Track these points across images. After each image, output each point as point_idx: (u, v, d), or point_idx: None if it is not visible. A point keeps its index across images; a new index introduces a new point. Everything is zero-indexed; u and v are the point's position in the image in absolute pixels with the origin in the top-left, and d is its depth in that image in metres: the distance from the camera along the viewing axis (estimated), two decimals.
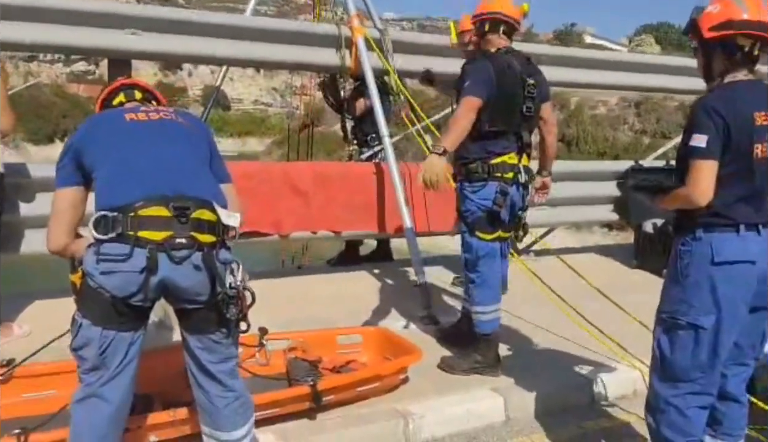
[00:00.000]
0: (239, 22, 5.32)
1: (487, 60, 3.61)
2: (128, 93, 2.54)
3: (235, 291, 2.16)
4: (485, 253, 3.62)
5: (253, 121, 66.23)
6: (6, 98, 3.70)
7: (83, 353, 2.11)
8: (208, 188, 2.26)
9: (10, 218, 4.05)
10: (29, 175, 4.23)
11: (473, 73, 3.56)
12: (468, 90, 3.49)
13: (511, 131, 3.63)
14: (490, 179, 3.57)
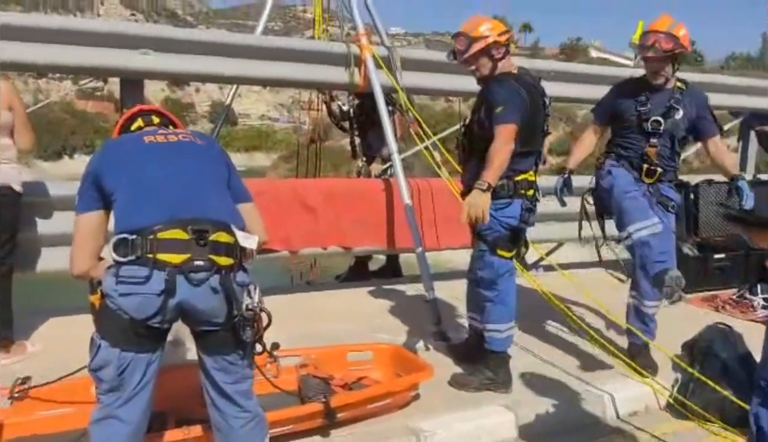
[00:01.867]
0: (249, 41, 5.37)
1: (515, 82, 3.54)
2: (146, 118, 2.58)
3: (252, 313, 2.18)
4: (505, 271, 3.61)
5: (259, 136, 66.66)
6: (25, 118, 3.78)
7: (101, 374, 2.13)
8: (226, 210, 2.29)
9: (27, 236, 4.11)
10: (47, 193, 4.28)
11: (506, 98, 3.43)
12: (504, 117, 3.39)
13: (534, 151, 3.65)
14: (515, 197, 3.56)
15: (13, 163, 3.75)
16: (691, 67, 51.79)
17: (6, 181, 3.69)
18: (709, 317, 4.90)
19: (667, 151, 3.97)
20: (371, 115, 5.66)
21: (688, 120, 3.94)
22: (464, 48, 3.55)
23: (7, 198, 3.71)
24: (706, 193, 6.54)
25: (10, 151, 3.73)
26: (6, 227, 3.74)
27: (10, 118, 3.69)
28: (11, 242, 3.78)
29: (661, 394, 3.78)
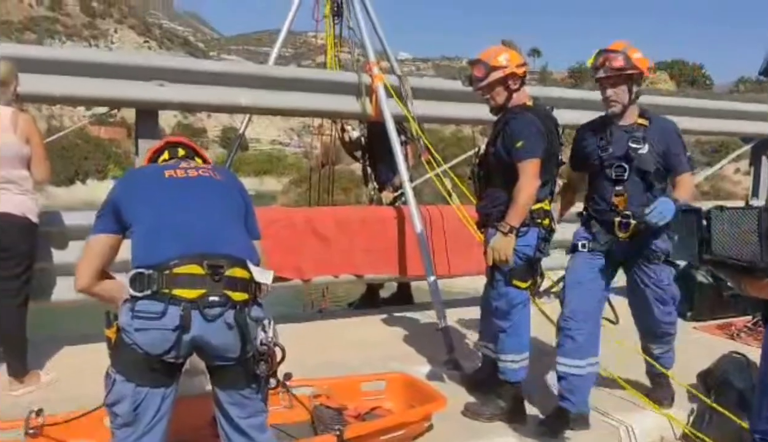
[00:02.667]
0: (262, 71, 5.45)
1: (533, 114, 3.53)
2: (172, 151, 2.62)
3: (266, 348, 2.19)
4: (519, 301, 3.58)
5: (270, 161, 67.03)
6: (42, 151, 3.84)
7: (116, 409, 2.14)
8: (242, 246, 2.31)
9: (43, 266, 4.14)
10: (62, 222, 4.33)
11: (527, 132, 3.43)
12: (527, 152, 3.39)
13: (549, 180, 3.64)
14: (531, 226, 3.53)
15: (29, 195, 3.80)
16: (700, 90, 51.83)
17: (23, 211, 3.73)
18: (724, 345, 4.85)
19: (642, 196, 3.51)
20: (382, 143, 5.70)
21: (657, 154, 3.51)
22: (482, 76, 3.53)
23: (24, 229, 3.75)
24: (718, 219, 6.49)
25: (27, 182, 3.78)
26: (23, 257, 3.78)
27: (28, 150, 3.75)
28: (28, 272, 3.82)
29: (677, 425, 3.73)
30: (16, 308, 3.78)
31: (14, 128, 3.69)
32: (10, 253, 3.72)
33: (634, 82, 3.48)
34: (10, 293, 3.75)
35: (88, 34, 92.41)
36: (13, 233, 3.71)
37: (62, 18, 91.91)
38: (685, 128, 7.48)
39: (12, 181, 3.70)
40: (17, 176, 3.72)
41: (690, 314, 5.79)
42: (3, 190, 3.68)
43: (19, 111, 3.82)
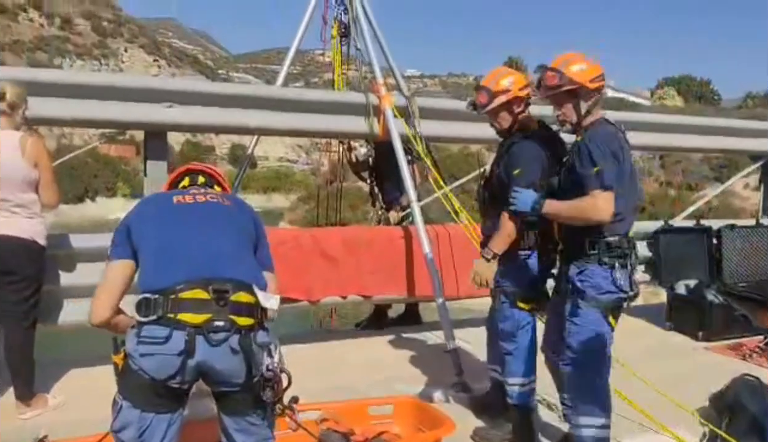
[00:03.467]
0: (269, 93, 5.48)
1: (536, 139, 3.50)
2: (193, 178, 2.64)
3: (272, 374, 2.17)
4: (526, 323, 3.56)
5: (278, 178, 67.27)
6: (50, 176, 3.85)
7: (122, 436, 2.14)
8: (247, 270, 2.30)
9: (51, 288, 4.15)
10: (71, 245, 4.34)
11: (524, 159, 3.42)
12: (522, 180, 3.35)
13: None
14: (534, 248, 3.53)
15: (38, 218, 3.81)
16: (708, 106, 51.77)
17: (31, 235, 3.75)
18: (736, 366, 4.80)
19: None
20: (389, 163, 5.70)
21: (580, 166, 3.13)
22: (486, 102, 3.52)
23: (32, 252, 3.77)
24: (729, 238, 6.49)
25: (36, 205, 3.80)
26: (31, 280, 3.79)
27: (36, 174, 3.76)
28: (35, 296, 3.83)
29: None
30: (24, 331, 3.78)
31: (22, 152, 3.70)
32: (18, 276, 3.73)
33: (579, 98, 3.11)
34: (18, 316, 3.76)
35: (98, 53, 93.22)
36: (21, 256, 3.73)
37: (73, 37, 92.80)
38: (693, 146, 7.52)
39: (20, 205, 3.72)
40: (26, 200, 3.74)
41: (701, 334, 5.74)
42: (11, 213, 3.70)
43: (29, 134, 3.84)
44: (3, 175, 3.65)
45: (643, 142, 7.10)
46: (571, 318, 3.09)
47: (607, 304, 3.04)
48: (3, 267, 3.70)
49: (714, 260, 6.45)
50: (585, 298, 3.04)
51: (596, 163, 2.96)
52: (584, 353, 3.06)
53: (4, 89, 3.74)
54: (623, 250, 3.03)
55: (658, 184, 32.45)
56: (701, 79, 67.06)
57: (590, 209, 2.95)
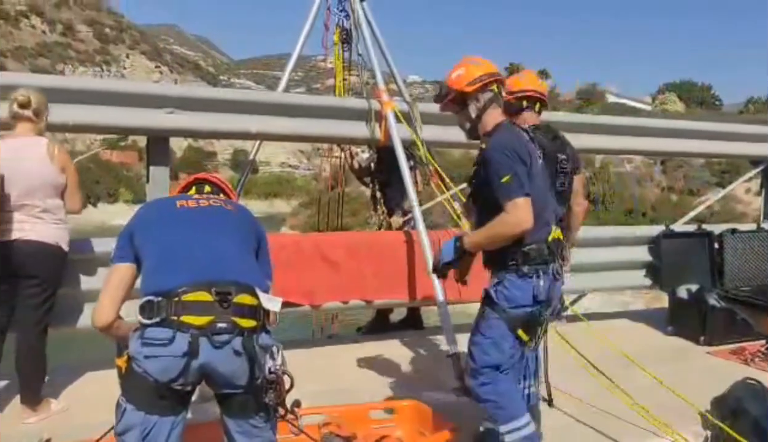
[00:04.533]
0: (271, 98, 5.51)
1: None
2: (199, 187, 2.68)
3: (274, 376, 2.18)
4: None
5: (280, 183, 67.48)
6: (76, 182, 3.93)
7: (126, 438, 2.14)
8: (250, 273, 2.32)
9: (70, 291, 4.19)
10: (92, 249, 4.37)
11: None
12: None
13: None
14: None
15: (62, 224, 3.87)
16: (709, 111, 51.82)
17: (56, 241, 3.81)
18: (738, 370, 4.80)
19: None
20: (391, 168, 5.72)
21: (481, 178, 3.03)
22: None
23: (56, 257, 3.82)
24: (730, 242, 6.50)
25: (61, 211, 3.86)
26: (50, 285, 3.83)
27: (64, 180, 3.83)
28: (51, 300, 3.86)
29: None
30: (37, 336, 3.81)
31: (51, 158, 3.77)
32: (39, 280, 3.77)
33: (466, 103, 3.02)
34: (34, 321, 3.79)
35: (100, 59, 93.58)
36: (46, 261, 3.77)
37: (75, 44, 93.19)
38: (694, 151, 7.54)
39: (47, 211, 3.78)
40: (52, 205, 3.80)
41: (703, 338, 5.74)
42: (38, 219, 3.75)
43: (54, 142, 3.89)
44: (33, 182, 3.72)
45: (644, 147, 7.13)
46: (477, 328, 2.99)
47: (517, 318, 2.87)
48: (26, 272, 3.74)
49: (715, 264, 6.46)
50: (496, 309, 2.90)
51: (503, 172, 2.79)
52: (483, 365, 2.92)
53: (29, 97, 3.79)
54: (543, 257, 2.88)
55: (660, 189, 32.47)
56: (702, 85, 67.15)
57: (510, 224, 2.77)
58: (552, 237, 2.96)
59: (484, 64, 3.05)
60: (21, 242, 3.70)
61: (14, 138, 3.80)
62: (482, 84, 2.97)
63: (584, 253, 6.17)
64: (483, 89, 2.98)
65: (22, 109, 3.79)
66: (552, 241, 2.94)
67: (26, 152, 3.74)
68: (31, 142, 3.79)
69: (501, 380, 2.93)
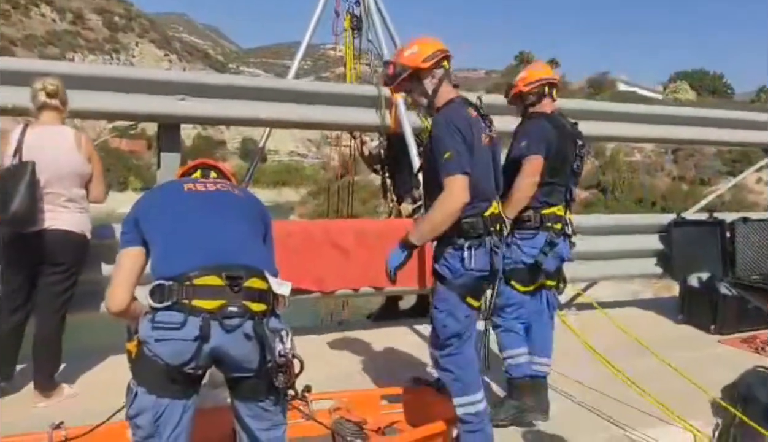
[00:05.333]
0: (281, 85, 5.50)
1: (546, 120, 3.78)
2: (205, 172, 2.65)
3: (284, 359, 2.18)
4: (514, 301, 3.72)
5: (288, 172, 67.48)
6: (101, 171, 3.98)
7: (138, 421, 2.15)
8: (260, 257, 2.32)
9: (92, 277, 4.21)
10: (114, 236, 4.36)
11: (533, 133, 3.69)
12: (529, 149, 3.63)
13: (562, 184, 3.79)
14: (541, 229, 3.69)
15: (86, 213, 3.91)
16: (720, 100, 51.36)
17: (82, 229, 3.85)
18: (749, 358, 4.79)
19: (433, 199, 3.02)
20: (401, 156, 5.71)
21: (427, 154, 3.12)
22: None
23: (81, 246, 3.86)
24: (742, 230, 6.46)
25: (84, 200, 3.90)
26: (73, 273, 3.87)
27: (90, 169, 3.87)
28: (72, 289, 3.90)
29: (702, 440, 3.68)
30: (56, 323, 3.85)
31: (78, 147, 3.80)
32: (64, 268, 3.81)
33: (421, 80, 3.08)
34: (55, 307, 3.84)
35: (109, 48, 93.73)
36: (71, 249, 3.81)
37: (84, 32, 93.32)
38: (705, 138, 7.48)
39: (72, 200, 3.81)
40: (77, 195, 3.84)
41: (714, 327, 5.73)
42: (64, 208, 3.78)
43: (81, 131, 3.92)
44: (62, 170, 3.75)
45: (656, 134, 7.08)
46: (433, 303, 3.10)
47: (463, 286, 2.99)
48: (52, 260, 3.77)
49: (727, 252, 6.42)
50: (444, 282, 3.03)
51: (444, 148, 2.88)
52: (446, 337, 3.03)
53: (58, 86, 3.81)
54: (477, 230, 2.96)
55: (671, 178, 32.26)
56: (714, 73, 66.57)
57: (447, 202, 2.85)
58: (490, 212, 3.04)
59: (434, 42, 3.15)
60: (48, 230, 3.72)
61: (41, 126, 3.81)
62: (436, 60, 3.06)
63: (595, 241, 6.16)
64: (437, 65, 3.07)
65: (51, 98, 3.81)
66: (489, 215, 3.02)
67: (53, 141, 3.76)
68: (58, 131, 3.81)
69: (464, 351, 3.05)
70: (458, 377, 3.05)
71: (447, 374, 3.07)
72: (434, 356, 3.13)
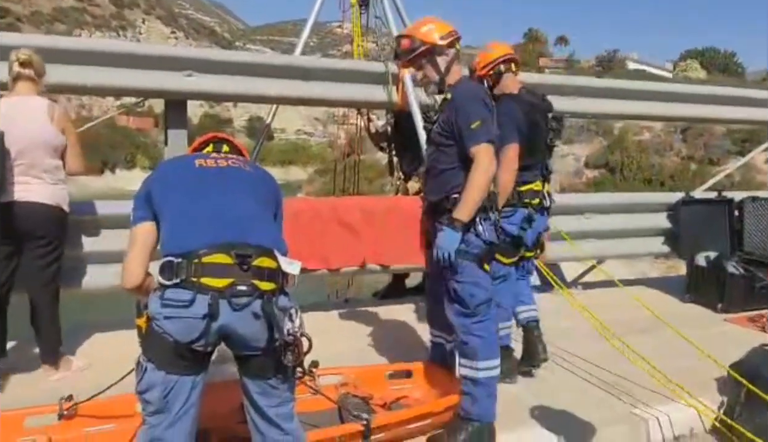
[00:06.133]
0: (289, 61, 5.46)
1: (513, 101, 3.86)
2: (217, 146, 2.63)
3: (293, 338, 2.19)
4: (501, 274, 3.81)
5: (295, 150, 67.40)
6: (75, 143, 3.90)
7: (147, 397, 2.17)
8: (269, 235, 2.31)
9: (74, 253, 4.21)
10: (95, 211, 4.37)
11: (504, 120, 3.48)
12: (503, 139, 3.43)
13: (538, 161, 3.97)
14: (519, 205, 3.88)
15: (62, 185, 3.87)
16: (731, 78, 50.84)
17: (56, 201, 3.81)
18: (755, 337, 4.78)
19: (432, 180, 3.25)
20: (407, 133, 5.69)
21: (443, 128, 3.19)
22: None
23: (57, 218, 3.83)
24: (750, 209, 6.42)
25: (60, 172, 3.86)
26: (57, 245, 3.86)
27: (63, 140, 3.82)
28: (59, 261, 3.90)
29: (707, 417, 3.69)
30: (50, 295, 3.86)
31: (51, 118, 3.76)
32: (45, 241, 3.80)
33: (435, 56, 3.19)
34: (45, 280, 3.84)
35: (116, 24, 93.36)
36: (47, 223, 3.79)
37: (91, 9, 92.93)
38: (714, 116, 7.41)
39: (47, 171, 3.78)
40: (52, 166, 3.80)
41: (721, 305, 5.73)
42: (38, 179, 3.75)
43: (54, 102, 3.88)
44: (33, 141, 3.70)
45: (666, 112, 7.02)
46: (453, 278, 3.12)
47: (478, 255, 3.09)
48: (29, 233, 3.76)
49: (735, 231, 6.40)
50: (460, 256, 3.06)
51: (473, 118, 3.00)
52: (476, 304, 3.12)
53: (30, 56, 3.78)
54: (483, 204, 3.05)
55: (679, 158, 32.00)
56: (725, 52, 65.83)
57: (483, 168, 2.98)
58: (492, 189, 3.15)
59: (444, 22, 3.27)
60: (19, 202, 3.69)
61: (16, 97, 3.77)
62: (451, 39, 3.20)
63: (603, 219, 6.14)
64: (451, 45, 3.22)
65: (23, 67, 3.76)
66: (491, 192, 3.14)
67: (25, 112, 3.72)
68: (31, 101, 3.76)
69: (493, 316, 3.19)
70: (489, 342, 3.16)
71: (477, 339, 3.15)
72: (462, 324, 3.19)
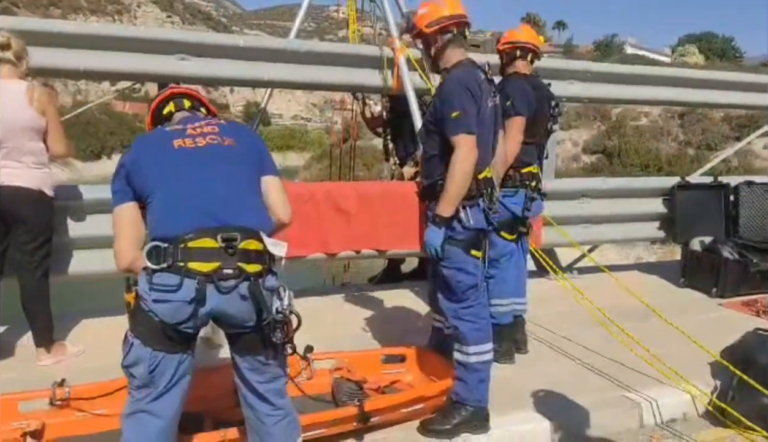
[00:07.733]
0: (284, 46, 5.42)
1: (525, 81, 4.06)
2: (178, 102, 2.59)
3: (282, 316, 2.20)
4: (508, 251, 4.06)
5: (292, 136, 67.15)
6: (57, 125, 3.83)
7: (133, 371, 2.17)
8: (255, 217, 2.30)
9: (60, 239, 4.17)
10: (81, 196, 4.33)
11: (516, 93, 3.94)
12: (513, 109, 3.88)
13: (538, 144, 4.14)
14: (521, 187, 4.06)
15: (44, 168, 3.81)
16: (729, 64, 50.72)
17: (38, 185, 3.75)
18: (750, 321, 4.80)
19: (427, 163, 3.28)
20: (403, 118, 5.67)
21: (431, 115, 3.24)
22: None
23: (39, 202, 3.77)
24: (746, 194, 6.42)
25: (43, 155, 3.79)
26: (43, 230, 3.83)
27: (44, 123, 3.74)
28: (47, 246, 3.87)
29: (700, 401, 3.71)
30: (37, 282, 3.83)
31: (30, 100, 3.69)
32: (30, 225, 3.76)
33: (423, 40, 3.24)
34: (33, 265, 3.81)
35: (111, 9, 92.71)
36: (32, 207, 3.75)
37: None
38: (712, 101, 7.39)
39: (28, 155, 3.71)
40: (33, 149, 3.73)
41: (715, 290, 5.74)
42: (19, 163, 3.69)
43: (39, 85, 3.83)
44: (11, 123, 3.64)
45: (664, 97, 6.99)
46: (442, 264, 3.16)
47: (464, 241, 3.10)
48: (13, 218, 3.72)
49: (730, 216, 6.40)
50: (448, 242, 3.09)
51: (455, 108, 3.00)
52: (464, 290, 3.15)
53: (9, 39, 3.73)
54: (471, 192, 3.05)
55: (677, 143, 31.96)
56: (723, 37, 65.67)
57: (463, 164, 2.98)
58: (483, 175, 3.13)
59: (450, 4, 3.19)
60: (3, 187, 3.65)
61: None
62: (440, 27, 3.15)
63: (598, 204, 6.14)
64: (442, 31, 3.16)
65: (2, 50, 3.70)
66: (482, 179, 3.13)
67: (4, 95, 3.65)
68: (11, 84, 3.70)
69: (482, 301, 3.24)
70: (479, 327, 3.19)
71: (467, 324, 3.18)
72: (450, 309, 3.23)
